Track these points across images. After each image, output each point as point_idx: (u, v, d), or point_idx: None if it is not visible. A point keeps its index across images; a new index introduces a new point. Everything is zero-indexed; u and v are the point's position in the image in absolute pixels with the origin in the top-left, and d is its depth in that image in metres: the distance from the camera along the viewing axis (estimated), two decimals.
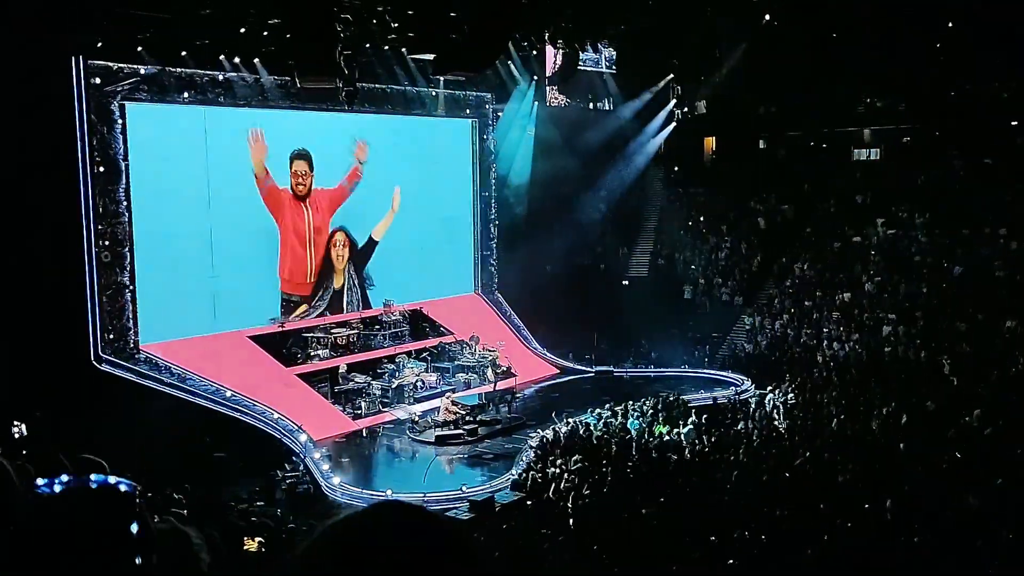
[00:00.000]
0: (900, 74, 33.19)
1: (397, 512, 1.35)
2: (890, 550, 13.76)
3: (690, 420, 22.10)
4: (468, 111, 31.73)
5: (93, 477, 1.74)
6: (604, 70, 32.52)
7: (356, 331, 27.10)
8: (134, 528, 1.66)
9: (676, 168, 38.16)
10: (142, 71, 22.52)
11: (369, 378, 25.69)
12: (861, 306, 29.38)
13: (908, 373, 25.45)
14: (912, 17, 30.26)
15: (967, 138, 32.33)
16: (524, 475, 19.26)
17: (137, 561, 1.62)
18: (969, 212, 30.45)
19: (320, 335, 26.26)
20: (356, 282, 28.49)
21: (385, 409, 24.99)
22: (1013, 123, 32.46)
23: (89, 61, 21.56)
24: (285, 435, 21.90)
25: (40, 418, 14.41)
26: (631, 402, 23.97)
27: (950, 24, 30.97)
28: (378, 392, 25.34)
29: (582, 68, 30.88)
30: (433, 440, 22.84)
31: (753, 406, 24.00)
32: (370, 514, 1.35)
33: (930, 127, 34.15)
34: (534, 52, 29.55)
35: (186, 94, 23.62)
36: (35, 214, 19.66)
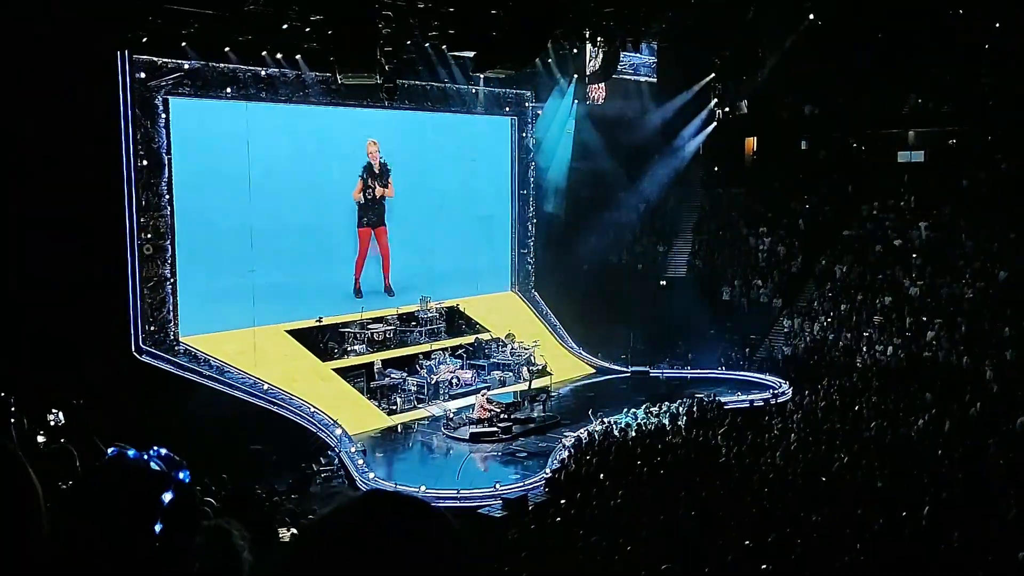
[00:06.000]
0: (946, 76, 32.74)
1: (388, 503, 1.34)
2: (927, 557, 13.58)
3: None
4: (508, 109, 31.75)
5: (130, 453, 1.76)
6: (644, 78, 32.35)
7: (392, 327, 27.21)
8: (166, 497, 1.66)
9: (716, 168, 37.89)
10: (186, 66, 22.78)
11: (405, 374, 25.80)
12: (903, 310, 28.99)
13: (950, 378, 25.08)
14: (959, 19, 29.86)
15: (1013, 141, 31.79)
16: (558, 474, 19.23)
17: (156, 528, 1.62)
18: (1014, 216, 29.94)
19: (356, 331, 26.41)
20: None
21: (420, 406, 25.09)
22: None
23: (134, 56, 21.84)
24: (321, 429, 22.05)
25: (79, 406, 14.59)
26: (667, 403, 23.86)
27: (997, 25, 30.51)
28: (413, 388, 25.43)
29: (622, 76, 30.71)
30: (467, 437, 22.88)
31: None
32: (360, 505, 1.34)
33: (976, 129, 33.62)
34: (574, 50, 29.47)
35: (229, 89, 23.84)
36: (79, 206, 19.93)
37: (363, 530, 1.30)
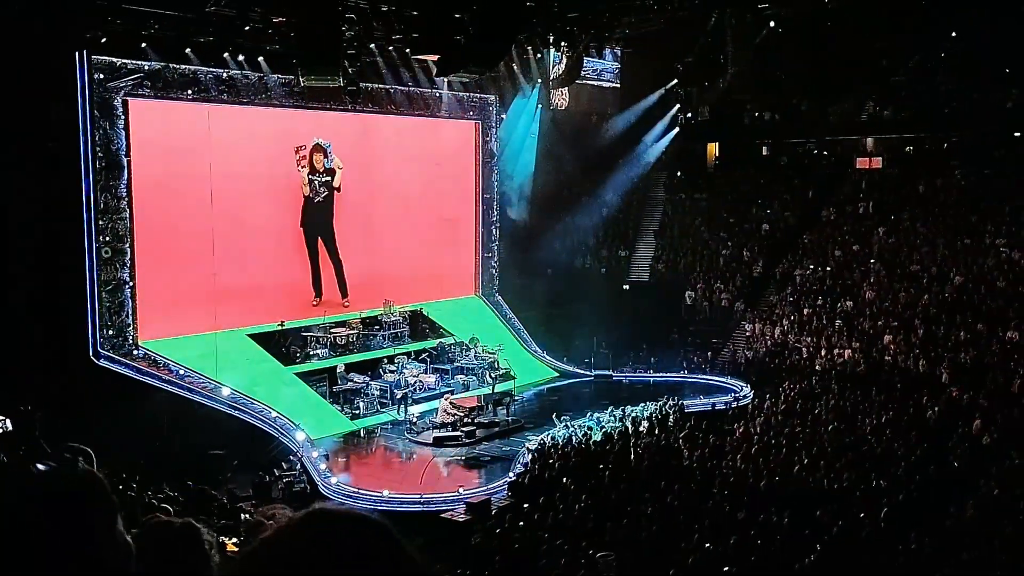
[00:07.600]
0: (904, 83, 33.27)
1: (327, 521, 1.34)
2: (885, 558, 13.75)
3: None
4: (471, 113, 31.71)
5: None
6: (607, 83, 32.47)
7: (355, 331, 27.07)
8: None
9: (679, 173, 38.14)
10: (146, 67, 22.53)
11: (367, 378, 25.67)
12: (861, 314, 29.34)
13: (907, 382, 25.43)
14: (916, 27, 30.35)
15: (969, 148, 32.38)
16: (521, 478, 19.23)
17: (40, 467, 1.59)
18: (970, 222, 30.48)
19: (319, 334, 26.24)
20: None
21: (383, 410, 24.91)
22: (1016, 134, 32.49)
23: (93, 56, 21.56)
24: (283, 434, 21.88)
25: (27, 413, 14.37)
26: (628, 407, 23.98)
27: (953, 34, 31.07)
28: (376, 392, 25.31)
29: (585, 82, 30.84)
30: (431, 441, 22.81)
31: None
32: (299, 526, 1.34)
33: (932, 137, 34.20)
34: (538, 55, 29.54)
35: (190, 91, 23.62)
36: (36, 208, 19.66)
37: (304, 552, 1.31)
